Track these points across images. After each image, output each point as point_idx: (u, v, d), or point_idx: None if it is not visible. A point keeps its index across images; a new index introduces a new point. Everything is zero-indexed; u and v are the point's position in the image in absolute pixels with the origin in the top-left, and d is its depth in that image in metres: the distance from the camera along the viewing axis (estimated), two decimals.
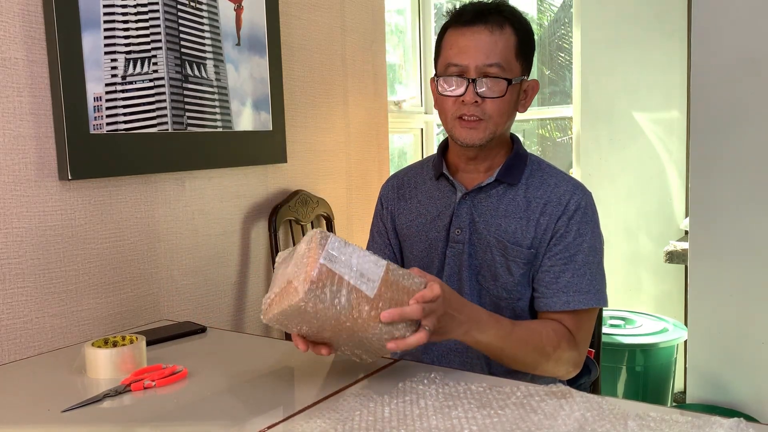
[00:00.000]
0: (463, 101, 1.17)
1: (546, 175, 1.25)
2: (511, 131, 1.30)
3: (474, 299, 1.24)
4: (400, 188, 1.37)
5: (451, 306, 1.00)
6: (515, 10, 1.22)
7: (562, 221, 1.20)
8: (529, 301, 1.24)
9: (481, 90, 1.16)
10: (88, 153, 1.43)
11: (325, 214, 2.11)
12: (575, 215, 1.20)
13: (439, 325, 0.98)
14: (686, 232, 2.45)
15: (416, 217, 1.31)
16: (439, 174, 1.29)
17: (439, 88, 1.21)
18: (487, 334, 1.07)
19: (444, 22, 1.25)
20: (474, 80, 1.16)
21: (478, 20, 1.17)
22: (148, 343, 1.21)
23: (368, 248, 1.39)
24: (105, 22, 1.46)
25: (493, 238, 1.22)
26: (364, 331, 0.93)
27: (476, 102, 1.16)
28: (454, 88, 1.19)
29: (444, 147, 1.32)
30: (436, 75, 1.24)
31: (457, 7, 1.23)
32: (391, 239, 1.36)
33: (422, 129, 3.06)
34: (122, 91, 1.50)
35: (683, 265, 2.63)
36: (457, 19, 1.20)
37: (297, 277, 0.91)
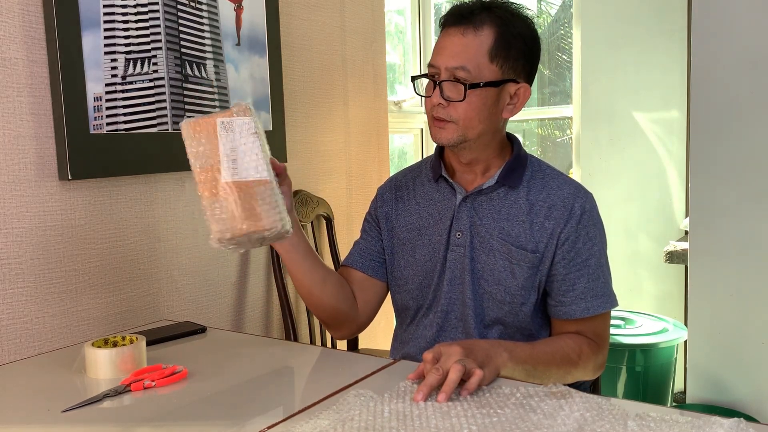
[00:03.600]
0: (431, 102, 1.19)
1: (547, 178, 1.25)
2: (511, 132, 1.30)
3: (477, 304, 1.23)
4: (397, 190, 1.35)
5: (460, 344, 1.00)
6: (510, 9, 1.19)
7: (570, 227, 1.19)
8: (533, 306, 1.23)
9: (446, 93, 1.16)
10: (88, 153, 1.43)
11: (325, 214, 2.11)
12: (582, 219, 1.20)
13: (472, 357, 0.98)
14: (686, 232, 2.45)
15: (416, 219, 1.30)
16: (438, 176, 1.28)
17: (416, 88, 1.25)
18: (517, 352, 1.08)
19: None
20: (440, 82, 1.16)
21: (456, 21, 1.17)
22: (148, 343, 1.21)
23: (359, 243, 1.37)
24: (105, 22, 1.46)
25: (496, 241, 1.21)
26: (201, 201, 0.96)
27: (441, 104, 1.17)
28: (427, 88, 1.21)
29: (441, 148, 1.31)
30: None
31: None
32: (384, 240, 1.34)
33: (422, 129, 3.06)
34: (122, 91, 1.50)
35: (683, 265, 2.63)
36: (443, 21, 1.21)
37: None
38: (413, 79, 1.27)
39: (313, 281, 1.23)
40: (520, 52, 1.18)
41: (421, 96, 1.24)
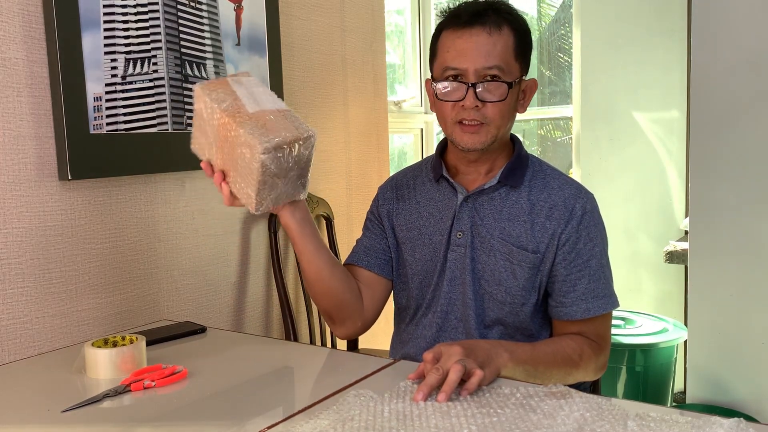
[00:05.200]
0: (463, 106, 1.15)
1: (548, 178, 1.25)
2: (511, 132, 1.30)
3: (477, 304, 1.23)
4: (398, 189, 1.35)
5: (461, 344, 1.00)
6: (512, 8, 1.20)
7: (570, 228, 1.19)
8: (533, 306, 1.23)
9: (482, 94, 1.14)
10: (88, 153, 1.43)
11: (325, 214, 2.11)
12: (583, 220, 1.20)
13: (473, 357, 0.98)
14: (686, 232, 2.45)
15: (416, 219, 1.30)
16: (439, 176, 1.27)
17: (438, 93, 1.18)
18: (518, 352, 1.08)
19: (439, 23, 1.21)
20: (474, 84, 1.14)
21: (475, 21, 1.14)
22: (148, 343, 1.21)
23: (362, 241, 1.37)
24: (105, 22, 1.46)
25: (497, 241, 1.21)
26: (236, 138, 1.04)
27: (476, 106, 1.14)
28: (453, 92, 1.16)
29: (442, 148, 1.30)
30: (432, 78, 1.21)
31: (451, 7, 1.20)
32: (389, 237, 1.33)
33: (422, 129, 3.06)
34: (122, 91, 1.50)
35: (683, 265, 2.63)
36: (454, 21, 1.17)
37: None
38: (433, 82, 1.20)
39: (321, 263, 1.20)
40: (529, 49, 1.21)
41: (446, 101, 1.17)
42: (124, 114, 1.50)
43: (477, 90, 1.14)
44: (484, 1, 1.19)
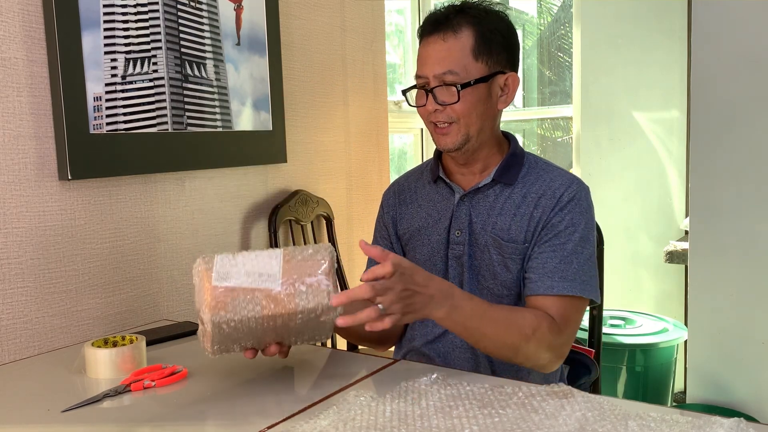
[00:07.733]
0: (427, 110, 1.21)
1: (542, 172, 1.25)
2: (510, 131, 1.31)
3: None
4: (400, 193, 1.37)
5: (414, 281, 0.97)
6: (482, 7, 1.21)
7: (554, 212, 1.20)
8: None
9: (440, 97, 1.18)
10: (88, 153, 1.43)
11: (325, 214, 2.11)
12: (568, 206, 1.20)
13: (405, 303, 0.96)
14: (686, 232, 2.45)
15: (417, 221, 1.32)
16: (436, 177, 1.30)
17: (409, 101, 1.26)
18: (463, 311, 1.04)
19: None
20: (431, 90, 1.19)
21: (434, 29, 1.19)
22: (148, 343, 1.21)
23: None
24: (105, 22, 1.46)
25: (489, 236, 1.22)
26: (293, 320, 0.96)
27: (438, 109, 1.19)
28: (418, 98, 1.23)
29: (440, 150, 1.32)
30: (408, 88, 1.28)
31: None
32: (393, 244, 1.36)
33: (422, 129, 3.06)
34: (122, 91, 1.50)
35: (683, 265, 2.63)
36: (421, 30, 1.23)
37: (202, 310, 0.96)
38: (404, 92, 1.28)
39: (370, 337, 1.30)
40: (501, 45, 1.21)
41: (415, 107, 1.25)
42: (124, 114, 1.50)
43: (434, 95, 1.18)
44: (453, 5, 1.21)
